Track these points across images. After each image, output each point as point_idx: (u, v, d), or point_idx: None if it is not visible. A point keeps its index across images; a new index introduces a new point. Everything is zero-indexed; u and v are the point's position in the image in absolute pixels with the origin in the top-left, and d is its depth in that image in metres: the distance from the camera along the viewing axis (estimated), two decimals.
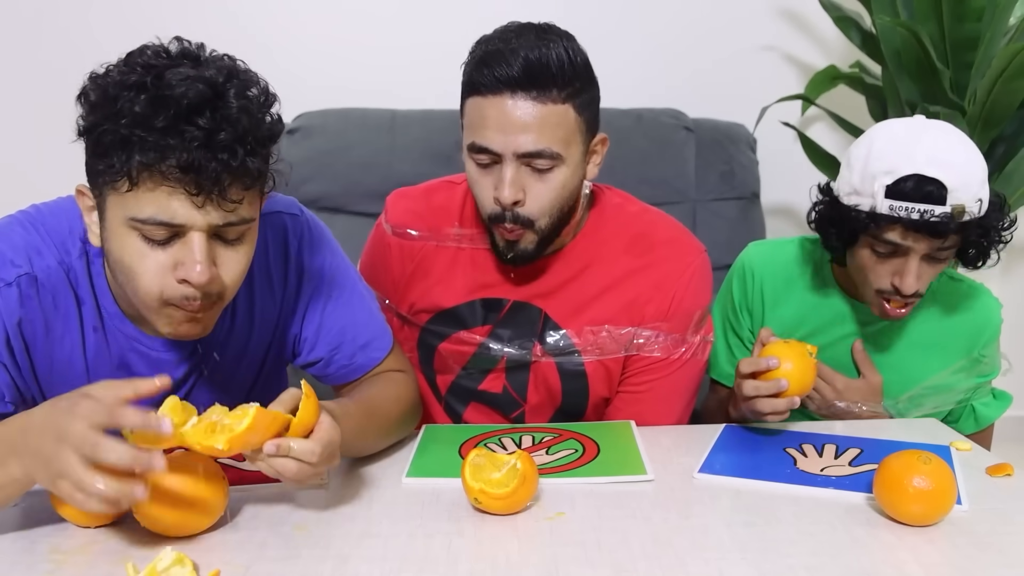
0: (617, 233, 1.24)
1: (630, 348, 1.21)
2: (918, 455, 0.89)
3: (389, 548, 0.85)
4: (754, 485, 0.98)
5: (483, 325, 1.24)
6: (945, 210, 1.09)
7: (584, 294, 1.22)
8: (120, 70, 0.82)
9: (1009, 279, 2.65)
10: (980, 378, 1.32)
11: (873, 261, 1.18)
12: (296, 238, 1.07)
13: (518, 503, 0.91)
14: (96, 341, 0.99)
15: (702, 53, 2.44)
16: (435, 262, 1.27)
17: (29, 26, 2.30)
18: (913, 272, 1.14)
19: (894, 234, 1.13)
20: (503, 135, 1.07)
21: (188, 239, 0.84)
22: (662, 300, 1.20)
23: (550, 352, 1.22)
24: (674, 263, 1.21)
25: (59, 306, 0.96)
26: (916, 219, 1.10)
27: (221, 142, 0.80)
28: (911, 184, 1.10)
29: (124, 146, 0.79)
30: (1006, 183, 2.03)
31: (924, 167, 1.10)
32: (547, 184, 1.11)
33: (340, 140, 2.20)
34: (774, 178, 2.39)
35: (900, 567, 0.80)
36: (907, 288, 1.15)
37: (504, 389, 1.26)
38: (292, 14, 2.34)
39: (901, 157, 1.12)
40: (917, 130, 1.15)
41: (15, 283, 0.93)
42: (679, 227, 1.27)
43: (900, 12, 2.06)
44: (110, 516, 0.89)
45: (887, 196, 1.11)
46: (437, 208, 1.29)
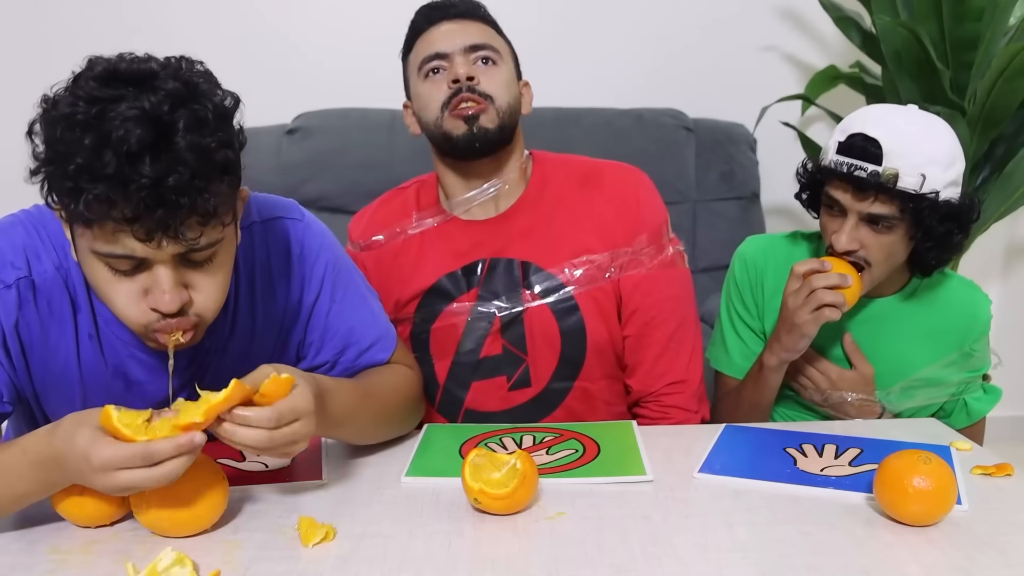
0: (565, 176, 1.33)
1: (613, 272, 1.26)
2: (918, 455, 0.89)
3: (389, 548, 0.85)
4: (754, 485, 0.98)
5: (468, 291, 1.28)
6: (876, 168, 1.14)
7: (554, 234, 1.28)
8: (67, 101, 0.79)
9: (1009, 279, 2.66)
10: (970, 373, 1.33)
11: (826, 219, 1.24)
12: (298, 244, 1.07)
13: (518, 503, 0.91)
14: (91, 349, 0.98)
15: (702, 53, 2.44)
16: (406, 253, 1.32)
17: (29, 21, 2.30)
18: (846, 230, 1.18)
19: (832, 188, 1.19)
20: (449, 38, 1.23)
21: (154, 269, 0.83)
22: (626, 220, 1.28)
23: (538, 294, 1.26)
24: (626, 186, 1.31)
25: (55, 312, 0.96)
26: (845, 172, 1.15)
27: (169, 188, 0.77)
28: (856, 140, 1.15)
29: (72, 194, 0.77)
30: (1006, 183, 2.03)
31: (871, 127, 1.15)
32: (496, 73, 1.24)
33: (340, 140, 2.21)
34: (774, 178, 2.39)
35: (900, 567, 0.80)
36: (838, 243, 1.19)
37: (504, 348, 1.27)
38: (292, 14, 2.34)
39: (858, 117, 1.19)
40: (892, 105, 1.22)
41: (14, 285, 0.93)
42: (617, 162, 1.36)
43: (900, 12, 2.06)
44: (110, 516, 0.89)
45: (836, 152, 1.18)
46: (394, 211, 1.36)
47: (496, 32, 1.29)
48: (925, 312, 1.31)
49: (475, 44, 1.23)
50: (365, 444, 1.10)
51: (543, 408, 1.27)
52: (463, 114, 1.21)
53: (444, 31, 1.24)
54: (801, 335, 1.21)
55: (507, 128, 1.24)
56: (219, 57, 1.80)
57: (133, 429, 0.79)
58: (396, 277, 1.31)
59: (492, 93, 1.22)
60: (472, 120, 1.21)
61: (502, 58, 1.26)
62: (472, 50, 1.23)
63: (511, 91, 1.25)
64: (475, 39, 1.24)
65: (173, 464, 0.80)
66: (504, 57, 1.27)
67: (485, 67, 1.24)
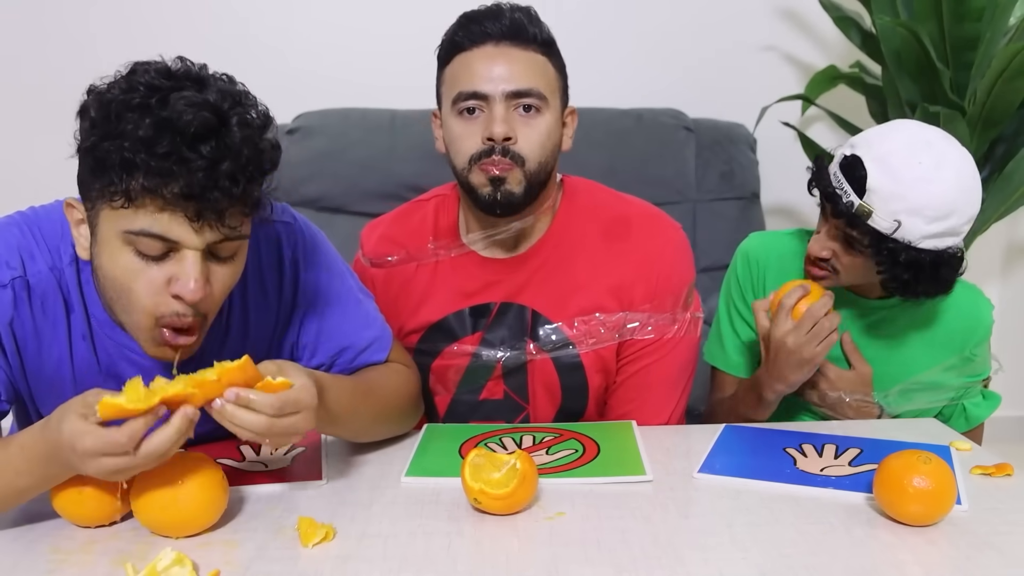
0: (592, 219, 1.25)
1: (623, 333, 1.22)
2: (918, 455, 0.89)
3: (389, 548, 0.85)
4: (754, 485, 0.98)
5: (473, 333, 1.24)
6: (852, 200, 1.14)
7: (569, 284, 1.22)
8: (122, 88, 0.82)
9: (1009, 279, 2.66)
10: (970, 377, 1.33)
11: (819, 224, 1.25)
12: (290, 247, 1.07)
13: (518, 503, 0.91)
14: (84, 351, 0.98)
15: (702, 53, 2.44)
16: (417, 281, 1.27)
17: (28, 19, 2.30)
18: (820, 239, 1.21)
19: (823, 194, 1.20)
20: (491, 79, 1.12)
21: (183, 256, 0.84)
22: (647, 280, 1.21)
23: (544, 347, 1.22)
24: (653, 242, 1.23)
25: (48, 313, 0.96)
26: (828, 191, 1.17)
27: (224, 171, 0.80)
28: (848, 162, 1.16)
29: (127, 167, 0.79)
30: (1006, 183, 2.03)
31: (870, 158, 1.14)
32: (535, 127, 1.15)
33: (340, 140, 2.20)
34: (774, 178, 2.39)
35: (900, 567, 0.80)
36: (811, 247, 1.22)
37: (505, 394, 1.25)
38: (292, 14, 2.34)
39: (869, 139, 1.17)
40: (913, 135, 1.16)
41: (9, 285, 0.93)
42: (652, 207, 1.29)
43: (900, 12, 2.06)
44: (110, 516, 0.89)
45: (839, 164, 1.18)
46: (411, 230, 1.30)
47: (547, 57, 1.17)
48: (926, 315, 1.30)
49: (519, 91, 1.13)
50: (364, 441, 1.10)
51: None
52: (490, 173, 1.14)
53: (488, 58, 1.13)
54: (812, 368, 1.20)
55: (535, 188, 1.17)
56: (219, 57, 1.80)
57: (142, 400, 0.79)
58: (403, 304, 1.28)
59: (526, 154, 1.14)
60: (497, 182, 1.14)
61: (547, 103, 1.15)
62: (515, 97, 1.13)
63: (547, 146, 1.16)
64: (519, 83, 1.13)
65: (159, 443, 0.79)
66: (550, 100, 1.16)
67: (526, 116, 1.14)
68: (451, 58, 1.16)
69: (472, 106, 1.14)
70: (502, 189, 1.14)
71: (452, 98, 1.15)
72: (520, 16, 1.15)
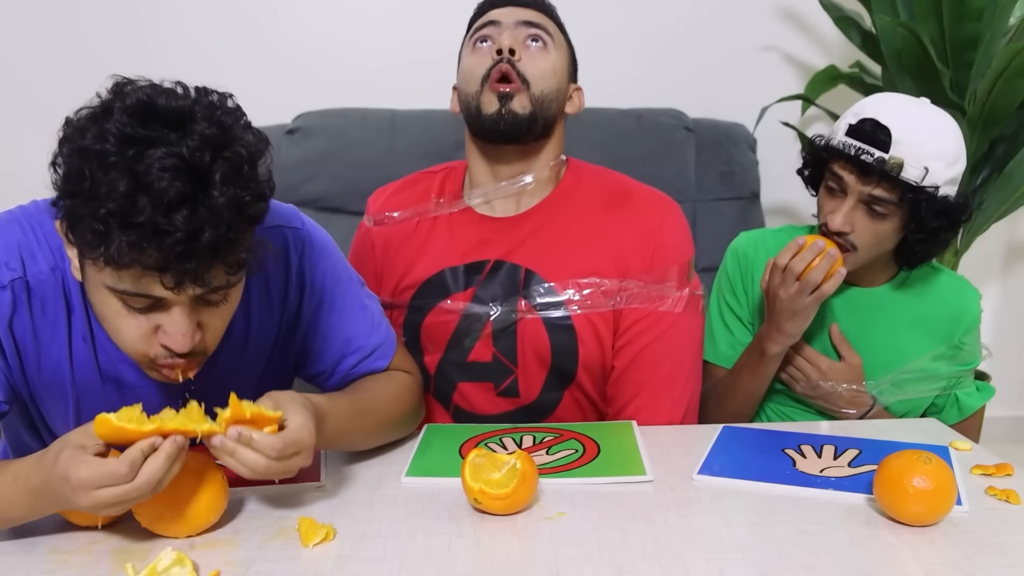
0: (595, 191, 1.28)
1: (618, 301, 1.22)
2: (918, 455, 0.89)
3: (389, 548, 0.85)
4: (754, 486, 0.98)
5: (465, 289, 1.24)
6: (882, 155, 1.16)
7: (566, 247, 1.23)
8: (96, 134, 0.76)
9: (1009, 279, 2.66)
10: (961, 366, 1.34)
11: (824, 198, 1.26)
12: (297, 253, 1.05)
13: (518, 503, 0.91)
14: (84, 352, 0.97)
15: (702, 53, 2.44)
16: (415, 238, 1.29)
17: (27, 11, 2.30)
18: (843, 211, 1.21)
19: (837, 166, 1.21)
20: (503, 11, 1.23)
21: (170, 310, 0.83)
22: (645, 251, 1.22)
23: (535, 306, 1.22)
24: (654, 214, 1.25)
25: (47, 313, 0.95)
26: (852, 155, 1.18)
27: (203, 242, 0.76)
28: (866, 125, 1.18)
29: (101, 238, 0.75)
30: (1006, 183, 2.03)
31: (884, 115, 1.18)
32: (541, 57, 1.21)
33: (340, 140, 2.20)
34: (774, 178, 2.39)
35: (900, 567, 0.80)
36: (833, 222, 1.21)
37: (494, 356, 1.24)
38: (292, 14, 2.34)
39: (872, 103, 1.22)
40: (906, 96, 1.23)
41: (9, 286, 0.92)
42: (654, 189, 1.32)
43: (900, 12, 2.06)
44: (110, 516, 0.89)
45: (845, 133, 1.21)
46: (419, 193, 1.33)
47: (558, 28, 1.27)
48: (914, 303, 1.32)
49: (529, 20, 1.22)
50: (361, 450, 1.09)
51: (533, 416, 1.25)
52: (497, 90, 1.18)
53: (505, 9, 1.24)
54: (806, 318, 1.23)
55: (539, 117, 1.20)
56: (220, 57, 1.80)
57: (136, 421, 0.79)
58: (401, 260, 1.29)
59: (530, 77, 1.19)
60: (505, 99, 1.18)
61: (554, 44, 1.23)
62: (524, 25, 1.22)
63: (552, 80, 1.22)
64: (530, 16, 1.23)
65: (152, 471, 0.78)
66: (556, 45, 1.24)
67: (533, 46, 1.21)
68: (472, 25, 1.26)
69: (485, 35, 1.22)
70: (508, 107, 1.18)
71: (469, 37, 1.24)
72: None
